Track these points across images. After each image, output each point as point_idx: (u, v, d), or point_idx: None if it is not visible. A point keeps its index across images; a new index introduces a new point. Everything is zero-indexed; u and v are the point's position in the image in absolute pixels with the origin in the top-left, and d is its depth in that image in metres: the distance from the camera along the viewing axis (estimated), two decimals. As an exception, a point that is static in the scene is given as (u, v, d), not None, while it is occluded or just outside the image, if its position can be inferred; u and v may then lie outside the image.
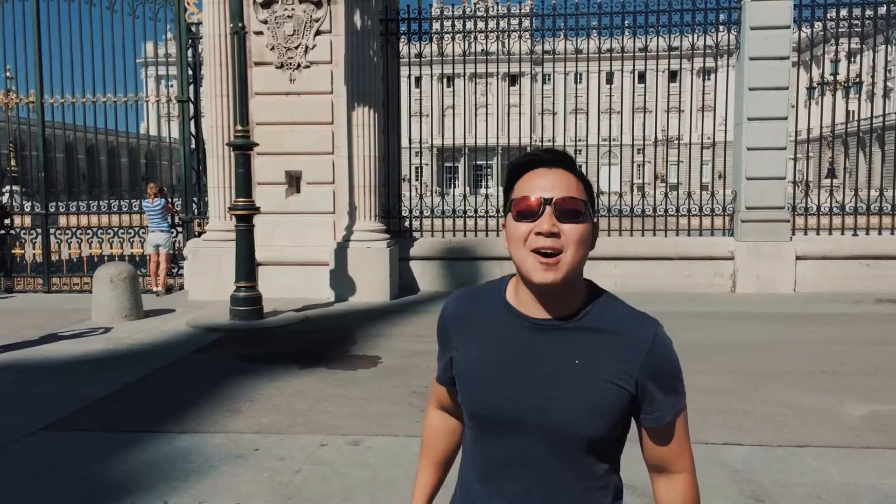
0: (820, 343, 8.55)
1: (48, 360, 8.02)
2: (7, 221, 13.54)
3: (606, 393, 1.47)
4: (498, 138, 16.66)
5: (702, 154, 14.96)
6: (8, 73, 13.84)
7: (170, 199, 13.35)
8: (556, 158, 1.52)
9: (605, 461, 1.55)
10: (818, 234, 12.45)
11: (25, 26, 13.14)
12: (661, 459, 1.58)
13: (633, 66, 13.61)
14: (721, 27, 12.66)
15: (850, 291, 11.81)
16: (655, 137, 17.16)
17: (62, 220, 13.88)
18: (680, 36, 12.83)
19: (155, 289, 12.61)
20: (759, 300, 11.48)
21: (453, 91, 18.71)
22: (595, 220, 1.53)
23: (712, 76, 15.59)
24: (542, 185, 1.47)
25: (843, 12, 12.43)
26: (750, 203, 12.20)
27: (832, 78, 16.50)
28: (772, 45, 12.00)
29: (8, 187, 17.97)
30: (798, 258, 12.09)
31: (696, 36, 12.69)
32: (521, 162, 1.54)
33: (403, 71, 13.59)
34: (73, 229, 13.48)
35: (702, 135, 17.83)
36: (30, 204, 14.92)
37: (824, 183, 14.06)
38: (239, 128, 9.93)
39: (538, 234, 1.45)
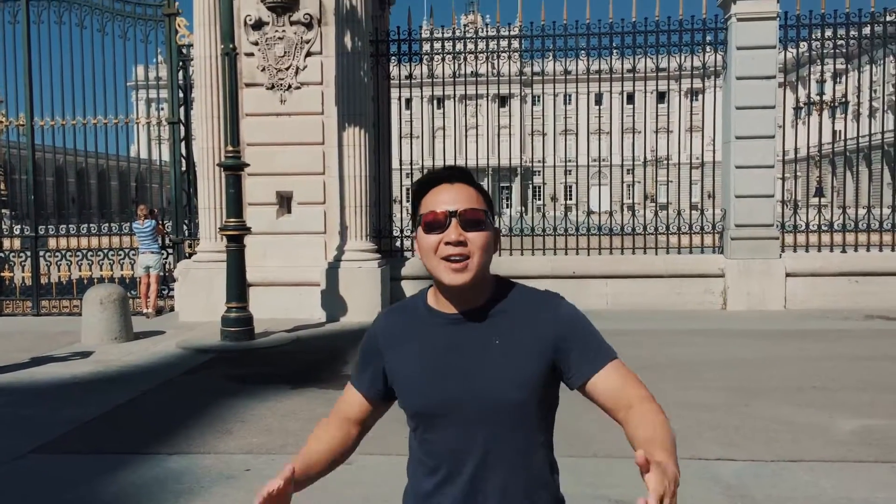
0: (810, 359, 8.58)
1: (36, 383, 7.96)
2: None
3: (528, 362, 1.63)
4: (488, 159, 16.76)
5: (690, 174, 15.09)
6: (-2, 97, 13.84)
7: (160, 221, 13.33)
8: (456, 175, 1.69)
9: (540, 433, 1.69)
10: (807, 251, 12.53)
11: (16, 49, 13.17)
12: (615, 399, 1.64)
13: (622, 87, 13.74)
14: (708, 47, 12.82)
15: (840, 308, 11.87)
16: (645, 157, 17.30)
17: (52, 243, 13.82)
18: (667, 57, 12.98)
19: (145, 311, 12.55)
20: (750, 317, 11.52)
21: (443, 112, 18.83)
22: (496, 227, 1.71)
23: (700, 97, 15.74)
24: (446, 199, 1.64)
25: (829, 32, 12.60)
26: (739, 221, 12.28)
27: (818, 98, 16.68)
28: (758, 65, 12.15)
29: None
30: (788, 275, 12.16)
31: (683, 56, 12.84)
32: (425, 180, 1.71)
33: (394, 93, 13.67)
34: (63, 252, 13.42)
35: (690, 155, 17.95)
36: (19, 227, 14.85)
37: (812, 201, 14.17)
38: (230, 148, 9.95)
39: (447, 243, 1.61)
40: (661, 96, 17.25)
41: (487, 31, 13.69)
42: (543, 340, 1.64)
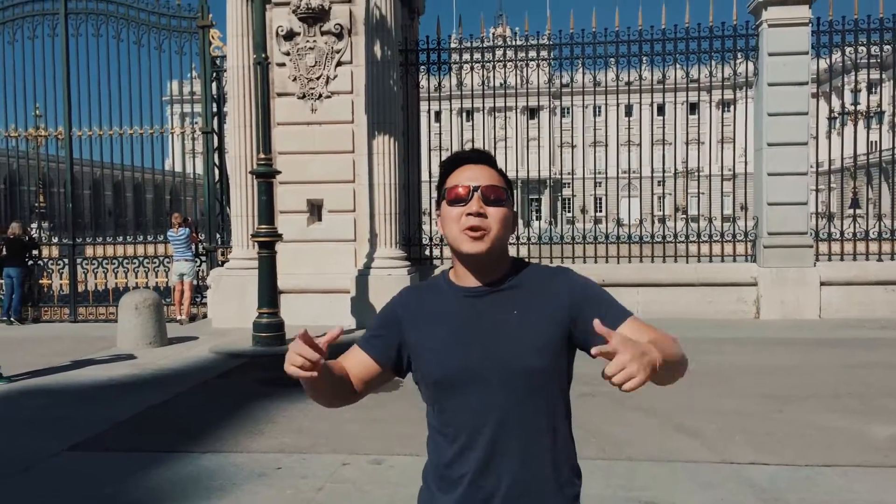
0: (846, 367, 8.43)
1: (73, 385, 8.11)
2: (35, 252, 13.76)
3: (546, 329, 1.71)
4: (517, 171, 16.78)
5: (722, 185, 14.95)
6: (37, 111, 14.18)
7: (194, 229, 13.53)
8: (480, 156, 1.80)
9: (560, 402, 1.76)
10: (842, 259, 12.33)
11: (55, 61, 13.49)
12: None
13: (652, 98, 13.66)
14: (739, 54, 12.72)
15: (877, 317, 11.65)
16: (675, 169, 17.20)
17: (88, 251, 14.10)
18: (698, 65, 12.89)
19: (179, 317, 12.72)
20: (784, 326, 11.35)
21: (472, 124, 18.89)
22: (514, 208, 1.80)
23: (731, 107, 15.64)
24: (469, 176, 1.75)
25: (862, 38, 12.44)
26: (772, 228, 12.14)
27: (853, 108, 16.45)
28: (790, 71, 12.03)
29: (36, 223, 18.32)
30: (822, 284, 11.97)
31: (714, 64, 12.75)
32: (451, 160, 1.82)
33: (423, 105, 13.76)
34: (100, 259, 13.68)
35: (722, 166, 17.84)
36: (57, 237, 15.17)
37: (847, 213, 13.94)
38: (262, 156, 10.10)
39: (468, 214, 1.71)
40: (693, 107, 17.16)
41: (516, 41, 13.72)
42: (560, 307, 1.72)
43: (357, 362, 1.88)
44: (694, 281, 12.19)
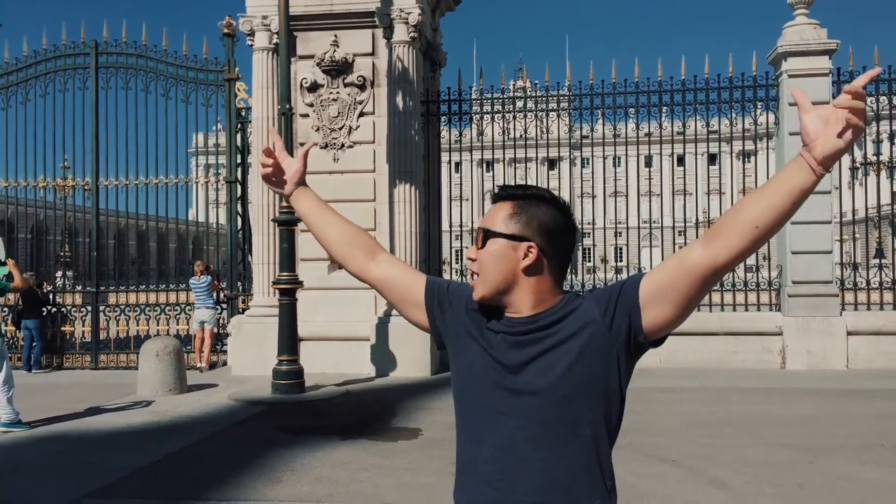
0: (877, 417, 8.22)
1: (92, 432, 8.09)
2: (49, 306, 13.80)
3: (562, 380, 1.64)
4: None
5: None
6: (65, 163, 14.47)
7: (216, 277, 13.61)
8: (500, 194, 1.77)
9: (592, 415, 1.67)
10: (868, 309, 12.13)
11: (84, 114, 13.83)
12: (676, 269, 1.62)
13: (672, 148, 13.70)
14: (759, 104, 12.75)
15: (906, 368, 11.40)
16: (697, 219, 17.14)
17: (111, 299, 14.22)
18: (718, 117, 12.91)
19: (199, 364, 12.72)
20: (811, 376, 11.12)
21: (493, 175, 19.02)
22: (521, 237, 1.68)
23: (752, 158, 15.61)
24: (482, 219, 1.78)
25: (883, 88, 12.45)
26: (796, 277, 12.00)
27: (875, 158, 16.39)
28: (811, 120, 12.02)
29: (60, 272, 18.56)
30: (849, 333, 11.76)
31: (734, 115, 12.77)
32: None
33: (444, 157, 13.88)
34: (122, 307, 13.78)
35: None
36: (81, 285, 15.33)
37: (872, 262, 13.77)
38: (284, 204, 10.20)
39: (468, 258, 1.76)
40: (713, 158, 17.15)
41: (536, 91, 13.86)
42: (600, 326, 1.65)
43: (405, 275, 1.97)
44: (718, 330, 12.03)
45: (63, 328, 13.85)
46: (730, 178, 15.25)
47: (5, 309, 13.69)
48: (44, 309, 13.55)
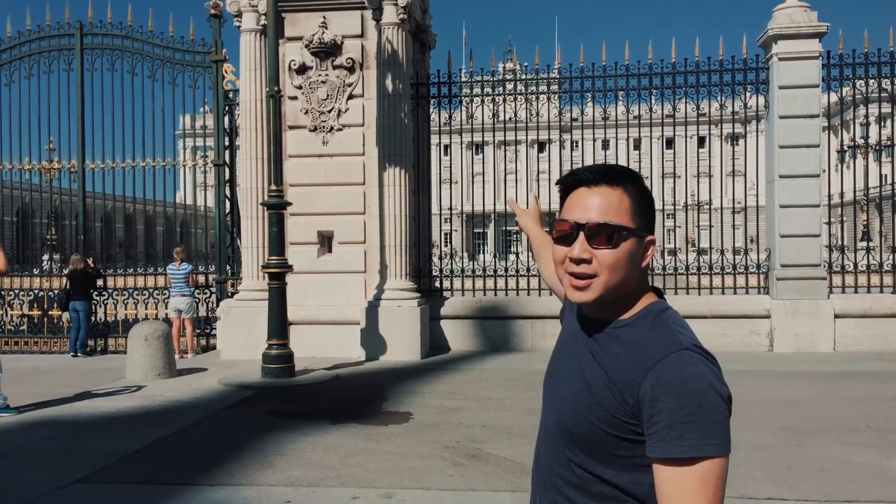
0: (864, 400, 8.29)
1: (81, 417, 8.05)
2: (100, 283, 13.65)
3: (603, 398, 1.43)
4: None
5: (733, 218, 14.89)
6: (51, 145, 14.31)
7: (196, 268, 13.38)
8: (599, 177, 1.48)
9: (606, 470, 1.45)
10: (856, 292, 12.22)
11: (70, 96, 13.66)
12: None
13: (662, 131, 13.67)
14: (749, 87, 12.74)
15: (892, 350, 11.50)
16: (686, 202, 17.17)
17: (98, 283, 14.11)
18: (708, 99, 12.89)
19: (178, 352, 12.35)
20: (798, 358, 11.21)
21: (482, 158, 18.97)
22: (644, 234, 1.48)
23: (741, 141, 15.62)
24: (580, 206, 1.47)
25: (873, 71, 12.45)
26: (785, 261, 12.06)
27: (863, 141, 16.42)
28: (801, 104, 12.05)
29: (47, 255, 18.40)
30: (837, 316, 11.85)
31: (724, 98, 12.75)
32: (567, 181, 1.54)
33: (434, 139, 13.82)
34: (110, 291, 13.69)
35: (733, 199, 17.72)
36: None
37: (860, 245, 13.85)
38: (273, 187, 10.13)
39: (571, 259, 1.46)
40: (702, 141, 17.14)
41: (526, 74, 13.79)
42: (629, 387, 1.39)
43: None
44: (707, 313, 12.08)
45: (50, 312, 13.75)
46: (719, 161, 15.26)
47: (20, 293, 13.66)
48: (93, 288, 13.34)
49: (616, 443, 1.41)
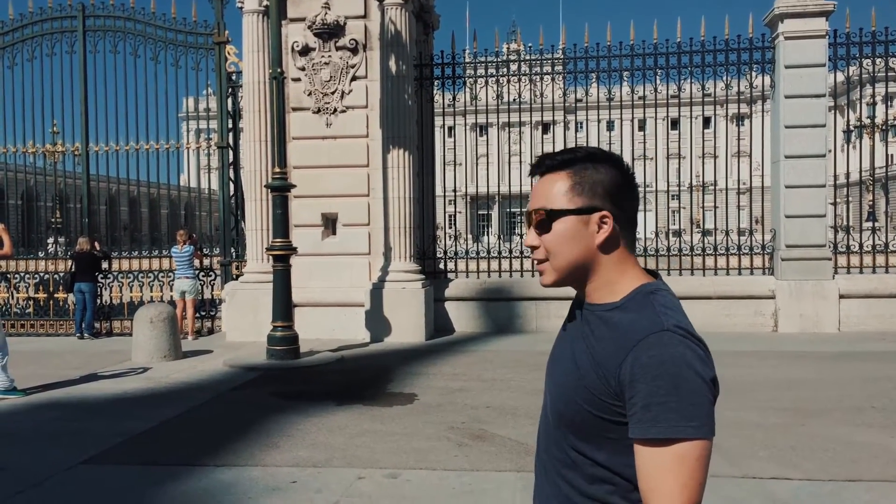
0: (868, 380, 8.29)
1: (88, 399, 8.10)
2: (105, 265, 13.68)
3: (590, 380, 1.43)
4: (532, 186, 16.69)
5: (739, 199, 14.80)
6: (54, 128, 14.30)
7: (199, 247, 13.43)
8: (542, 164, 1.54)
9: (598, 452, 1.45)
10: (861, 272, 12.18)
11: (73, 79, 13.63)
12: (643, 496, 1.37)
13: (667, 112, 13.60)
14: (755, 67, 12.64)
15: (897, 330, 11.50)
16: (691, 183, 17.10)
17: (103, 266, 14.14)
18: (714, 80, 12.78)
19: (181, 333, 12.36)
20: (803, 339, 11.21)
21: (487, 139, 18.88)
22: (586, 212, 1.46)
23: (746, 122, 15.54)
24: (531, 197, 1.55)
25: (880, 50, 12.34)
26: (790, 241, 12.02)
27: (869, 121, 16.30)
28: (807, 83, 11.96)
29: (52, 239, 18.43)
30: (841, 297, 11.82)
31: (729, 78, 12.65)
32: (531, 174, 1.61)
33: (437, 121, 13.76)
34: (115, 273, 13.73)
35: (738, 180, 17.66)
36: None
37: (865, 226, 13.79)
38: (277, 170, 10.11)
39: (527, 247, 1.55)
40: (707, 121, 17.06)
41: (531, 55, 13.69)
42: (612, 369, 1.39)
43: None
44: (711, 294, 12.07)
45: (56, 295, 13.81)
46: (725, 142, 15.15)
47: (25, 276, 13.73)
48: (99, 271, 13.35)
49: (605, 425, 1.42)
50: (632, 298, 1.46)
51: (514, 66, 13.54)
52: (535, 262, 1.54)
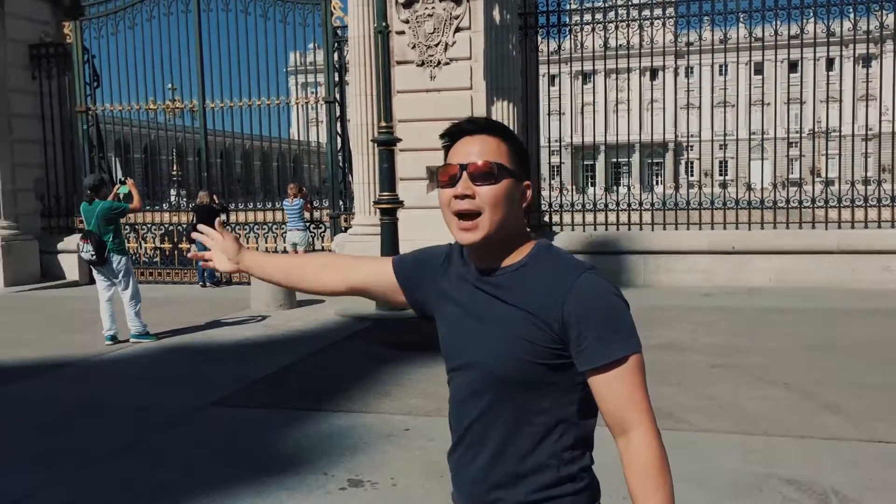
0: None
1: (212, 344, 8.60)
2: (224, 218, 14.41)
3: (530, 334, 1.52)
4: (640, 135, 16.25)
5: (865, 146, 13.88)
6: (172, 86, 14.95)
7: (309, 200, 13.89)
8: (478, 126, 1.61)
9: (543, 400, 1.55)
10: None
11: (189, 37, 14.15)
12: (610, 414, 1.52)
13: (788, 53, 12.81)
14: (886, 4, 11.70)
15: None
16: (813, 129, 16.16)
17: (222, 218, 14.80)
18: (840, 17, 11.92)
19: None
20: (935, 297, 10.53)
21: (593, 87, 18.41)
22: (522, 178, 1.59)
23: (873, 63, 14.44)
24: (463, 152, 1.58)
25: None
26: (922, 192, 11.23)
27: None
28: (948, 20, 11.00)
29: (174, 191, 19.42)
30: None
31: (856, 16, 11.78)
32: (449, 133, 1.65)
33: (542, 69, 13.50)
34: (232, 226, 14.35)
35: (865, 125, 16.56)
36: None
37: None
38: (383, 124, 10.23)
39: (456, 197, 1.56)
40: (831, 63, 15.96)
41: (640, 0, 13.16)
42: (552, 314, 1.50)
43: (368, 270, 1.92)
44: (834, 248, 11.47)
45: (180, 245, 14.59)
46: (850, 85, 14.20)
47: (151, 227, 14.57)
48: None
49: (548, 373, 1.53)
50: (535, 255, 1.59)
51: (622, 12, 13.07)
52: (458, 216, 1.57)
